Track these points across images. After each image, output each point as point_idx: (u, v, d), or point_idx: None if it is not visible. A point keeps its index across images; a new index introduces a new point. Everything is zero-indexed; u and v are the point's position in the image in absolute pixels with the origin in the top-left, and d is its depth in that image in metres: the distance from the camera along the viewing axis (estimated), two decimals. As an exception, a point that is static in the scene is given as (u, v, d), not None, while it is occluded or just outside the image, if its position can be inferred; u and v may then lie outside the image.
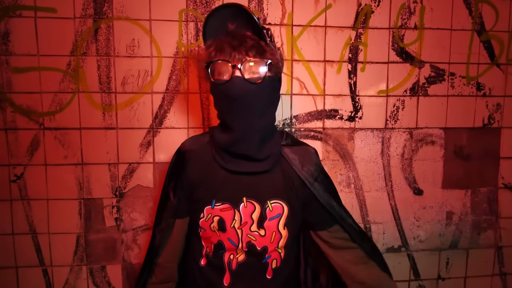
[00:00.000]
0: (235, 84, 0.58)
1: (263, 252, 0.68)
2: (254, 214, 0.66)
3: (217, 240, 0.68)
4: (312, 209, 0.70)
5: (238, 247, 0.68)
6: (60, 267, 1.04)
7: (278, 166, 0.68)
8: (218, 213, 0.67)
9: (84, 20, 0.97)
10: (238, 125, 0.60)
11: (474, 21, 1.11)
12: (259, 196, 0.66)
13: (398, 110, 1.11)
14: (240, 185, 0.66)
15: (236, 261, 0.68)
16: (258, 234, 0.67)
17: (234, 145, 0.62)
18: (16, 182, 1.00)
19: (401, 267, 1.16)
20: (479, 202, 1.18)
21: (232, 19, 0.61)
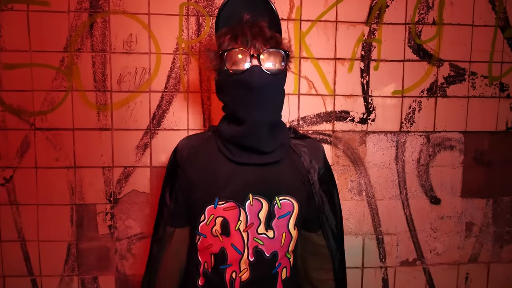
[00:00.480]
0: (254, 74, 0.55)
1: (272, 259, 0.61)
2: (261, 213, 0.60)
3: (219, 249, 0.61)
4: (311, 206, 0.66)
5: (243, 256, 0.60)
6: (50, 277, 0.97)
7: (286, 158, 0.64)
8: (221, 213, 0.60)
9: (79, 14, 0.92)
10: (251, 116, 0.56)
11: (497, 17, 1.02)
12: (266, 192, 0.60)
13: (414, 112, 1.03)
14: (246, 180, 0.60)
15: (239, 281, 0.60)
16: (266, 236, 0.60)
17: (245, 138, 0.58)
18: (4, 185, 0.94)
19: (416, 282, 1.07)
20: (501, 213, 1.09)
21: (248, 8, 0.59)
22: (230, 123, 0.61)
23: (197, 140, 0.67)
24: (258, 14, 0.59)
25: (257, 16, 0.59)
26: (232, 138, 0.60)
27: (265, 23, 0.59)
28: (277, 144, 0.61)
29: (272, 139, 0.59)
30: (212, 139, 0.65)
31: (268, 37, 0.56)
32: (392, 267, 1.06)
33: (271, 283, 0.62)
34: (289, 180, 0.63)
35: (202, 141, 0.66)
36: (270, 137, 0.59)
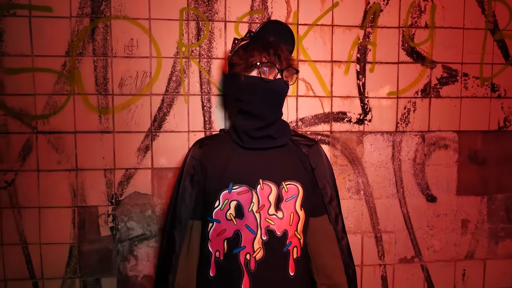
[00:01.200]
0: (278, 84, 0.70)
1: (283, 237, 0.67)
2: (271, 196, 0.68)
3: (232, 232, 0.66)
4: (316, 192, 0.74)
5: (257, 235, 0.65)
6: (52, 279, 0.97)
7: (290, 149, 0.74)
8: (235, 197, 0.67)
9: (80, 19, 0.93)
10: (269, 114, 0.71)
11: (487, 20, 1.06)
12: (274, 178, 0.69)
13: (409, 112, 1.06)
14: (256, 167, 0.69)
15: (254, 261, 0.65)
16: (276, 217, 0.68)
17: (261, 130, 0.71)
18: (6, 189, 0.95)
19: (414, 279, 1.09)
20: (496, 210, 1.12)
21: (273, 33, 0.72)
22: (247, 118, 0.72)
23: (210, 139, 0.78)
24: (281, 38, 0.72)
25: (280, 39, 0.72)
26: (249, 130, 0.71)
27: (286, 46, 0.73)
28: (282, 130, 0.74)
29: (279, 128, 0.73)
30: (225, 137, 0.76)
31: (289, 58, 0.72)
32: (390, 265, 1.08)
33: (284, 262, 0.67)
34: (293, 168, 0.72)
35: (215, 140, 0.76)
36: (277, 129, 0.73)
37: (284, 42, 0.72)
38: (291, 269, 0.67)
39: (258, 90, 0.70)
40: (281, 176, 0.69)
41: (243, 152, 0.71)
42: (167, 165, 0.98)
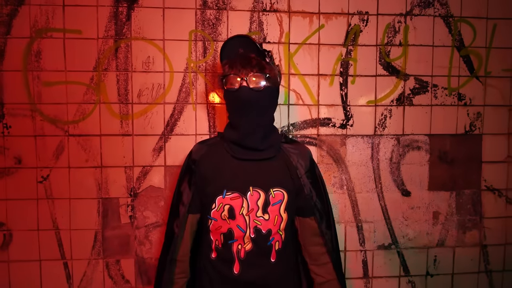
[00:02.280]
0: (242, 91, 0.76)
1: (267, 234, 0.79)
2: (259, 201, 0.78)
3: (227, 229, 0.78)
4: (300, 197, 0.84)
5: (246, 233, 0.78)
6: (79, 260, 1.14)
7: (279, 158, 0.82)
8: (228, 202, 0.78)
9: (106, 40, 1.11)
10: (244, 122, 0.77)
11: (454, 38, 1.22)
12: (263, 185, 0.78)
13: (386, 118, 1.22)
14: (247, 176, 0.79)
15: (244, 250, 0.78)
16: (263, 218, 0.78)
17: (242, 140, 0.78)
18: (42, 183, 1.12)
19: (391, 263, 1.25)
20: (463, 203, 1.27)
21: (242, 45, 0.81)
22: (232, 128, 0.81)
23: (208, 144, 0.88)
24: (249, 48, 0.81)
25: (248, 50, 0.81)
26: (234, 141, 0.80)
27: (254, 54, 0.80)
28: (269, 143, 0.80)
29: (264, 139, 0.78)
30: (220, 143, 0.85)
31: (253, 65, 0.76)
32: (370, 251, 1.24)
33: (267, 252, 0.80)
34: (281, 176, 0.81)
35: (212, 145, 0.86)
36: (261, 137, 0.78)
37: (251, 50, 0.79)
38: (273, 257, 0.80)
39: (229, 102, 0.78)
40: (269, 183, 0.78)
41: (235, 161, 0.79)
42: (177, 163, 1.15)
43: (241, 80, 0.75)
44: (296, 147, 0.87)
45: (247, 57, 0.77)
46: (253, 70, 0.76)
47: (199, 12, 1.13)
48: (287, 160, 0.83)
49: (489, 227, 1.28)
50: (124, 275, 1.16)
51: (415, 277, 1.26)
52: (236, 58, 0.78)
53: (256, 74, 0.76)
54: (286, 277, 0.83)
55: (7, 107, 1.10)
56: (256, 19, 1.15)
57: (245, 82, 0.75)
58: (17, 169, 1.11)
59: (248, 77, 0.75)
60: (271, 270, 0.79)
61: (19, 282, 1.13)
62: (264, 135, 0.80)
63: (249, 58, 0.77)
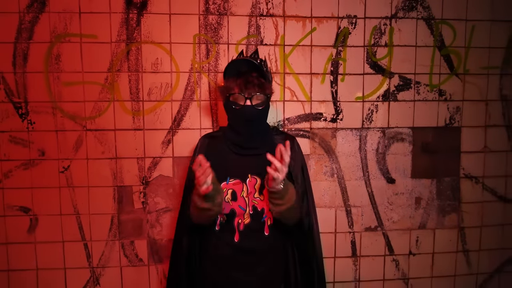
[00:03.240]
0: (246, 109, 0.90)
1: (262, 212, 0.94)
2: (256, 185, 0.94)
3: (229, 209, 0.93)
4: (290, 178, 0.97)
5: (246, 211, 0.94)
6: (98, 241, 1.28)
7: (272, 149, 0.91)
8: (231, 187, 0.94)
9: (118, 44, 1.23)
10: (245, 131, 0.94)
11: (435, 39, 1.34)
12: (259, 173, 0.93)
13: (373, 113, 1.34)
14: (246, 166, 0.95)
15: (243, 224, 0.94)
16: (259, 199, 0.94)
17: (244, 142, 0.95)
18: (63, 173, 1.26)
19: (377, 244, 1.39)
20: (443, 190, 1.40)
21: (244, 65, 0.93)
22: (233, 131, 0.96)
23: (212, 138, 1.02)
24: (252, 67, 0.92)
25: (251, 68, 0.92)
26: (235, 142, 0.95)
27: (255, 73, 0.92)
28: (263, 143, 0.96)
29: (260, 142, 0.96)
30: (222, 138, 0.99)
31: (257, 85, 0.90)
32: (358, 232, 1.37)
33: (262, 227, 0.95)
34: None
35: (215, 139, 1.01)
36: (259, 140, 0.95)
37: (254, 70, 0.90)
38: (266, 231, 0.95)
39: (233, 114, 0.92)
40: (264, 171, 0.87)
41: (235, 155, 0.94)
42: (184, 155, 1.28)
43: (246, 99, 0.88)
44: (283, 137, 1.02)
45: (250, 77, 0.90)
46: (256, 89, 0.89)
47: (202, 18, 1.24)
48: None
49: (467, 211, 1.41)
50: (138, 254, 1.30)
51: (399, 256, 1.40)
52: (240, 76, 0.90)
53: (259, 96, 0.90)
54: (276, 248, 0.98)
55: (31, 105, 1.22)
56: (254, 23, 1.26)
57: (249, 101, 0.89)
58: (41, 160, 1.24)
59: (252, 97, 0.88)
60: (264, 241, 0.95)
61: (45, 261, 1.27)
62: (261, 137, 0.97)
63: (253, 78, 0.90)
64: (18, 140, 1.23)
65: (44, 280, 1.27)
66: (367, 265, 1.38)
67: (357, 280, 1.38)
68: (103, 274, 1.29)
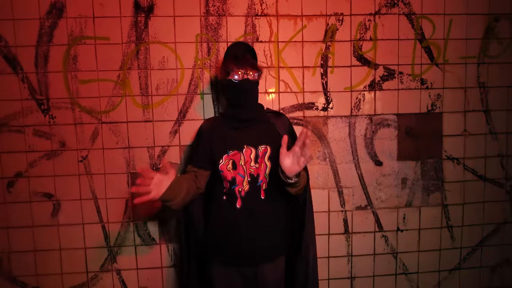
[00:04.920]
0: (245, 82, 1.07)
1: (257, 177, 1.08)
2: (251, 155, 1.08)
3: (231, 177, 1.07)
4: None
5: (245, 178, 1.07)
6: (114, 223, 1.42)
7: (264, 124, 1.12)
8: (231, 157, 1.08)
9: (128, 45, 1.37)
10: (244, 102, 1.10)
11: (416, 32, 1.46)
12: (253, 144, 1.09)
13: (360, 101, 1.47)
14: (242, 139, 1.09)
15: (244, 191, 1.08)
16: (255, 167, 1.08)
17: (242, 114, 1.10)
18: (82, 162, 1.40)
19: (367, 221, 1.52)
20: (427, 170, 1.52)
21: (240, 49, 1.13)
22: (232, 108, 1.12)
23: (211, 120, 1.19)
24: (246, 50, 1.12)
25: (245, 51, 1.12)
26: (234, 116, 1.11)
27: (249, 55, 1.11)
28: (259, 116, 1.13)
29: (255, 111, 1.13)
30: (220, 119, 1.16)
31: (251, 64, 1.09)
32: (350, 211, 1.50)
33: (258, 191, 1.08)
34: (265, 136, 1.10)
35: (214, 121, 1.17)
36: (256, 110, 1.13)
37: (248, 53, 1.10)
38: (262, 195, 1.08)
39: (232, 89, 1.08)
40: (257, 142, 1.08)
41: (233, 131, 1.09)
42: (190, 143, 1.42)
43: (243, 74, 1.06)
44: (275, 114, 1.18)
45: (246, 58, 1.09)
46: (250, 67, 1.07)
47: (203, 19, 1.38)
48: (270, 124, 1.13)
49: (449, 189, 1.54)
50: (150, 234, 1.44)
51: (387, 232, 1.53)
52: (238, 57, 1.08)
53: (253, 70, 1.07)
54: (272, 210, 1.11)
55: (52, 101, 1.36)
56: (250, 22, 1.39)
57: (245, 75, 1.06)
58: (62, 151, 1.38)
59: (247, 72, 1.06)
60: (262, 203, 1.08)
61: (67, 241, 1.41)
62: (256, 110, 1.14)
63: (248, 59, 1.09)
64: (41, 133, 1.37)
65: (67, 258, 1.41)
66: (358, 241, 1.51)
67: (350, 255, 1.51)
68: (120, 253, 1.43)
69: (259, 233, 1.07)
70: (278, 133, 1.11)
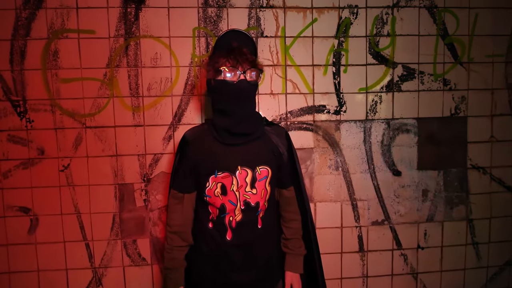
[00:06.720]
0: (241, 84, 0.83)
1: (256, 206, 0.89)
2: (247, 178, 0.87)
3: (220, 204, 0.87)
4: (282, 171, 0.95)
5: (237, 206, 0.87)
6: (99, 241, 1.26)
7: (262, 139, 0.90)
8: (220, 180, 0.87)
9: (117, 39, 1.21)
10: (239, 110, 0.85)
11: (438, 28, 1.31)
12: (250, 164, 0.87)
13: (377, 104, 1.32)
14: (235, 157, 0.87)
15: (235, 221, 0.89)
16: (251, 193, 0.88)
17: (235, 126, 0.85)
18: (63, 171, 1.23)
19: (384, 238, 1.36)
20: (451, 181, 1.37)
21: (236, 39, 0.88)
22: (222, 116, 0.86)
23: (197, 130, 0.94)
24: (242, 43, 0.87)
25: (242, 43, 0.86)
26: (224, 127, 0.86)
27: (247, 49, 0.86)
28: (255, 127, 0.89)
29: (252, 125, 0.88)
30: (208, 130, 0.91)
31: (250, 61, 0.84)
32: (365, 227, 1.35)
33: (255, 221, 0.90)
34: (265, 155, 0.90)
35: (201, 131, 0.93)
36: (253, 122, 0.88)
37: (245, 46, 0.84)
38: (259, 224, 0.90)
39: (225, 92, 0.83)
40: (256, 162, 0.86)
41: (224, 146, 0.86)
42: (186, 150, 1.26)
43: (240, 74, 0.82)
44: (273, 128, 0.95)
45: (243, 52, 0.83)
46: (249, 64, 0.83)
47: (201, 10, 1.23)
48: (268, 140, 0.91)
49: (475, 202, 1.38)
50: (141, 253, 1.27)
51: (407, 250, 1.37)
52: (233, 51, 0.83)
53: (253, 69, 0.83)
54: (269, 237, 0.95)
55: (29, 103, 1.20)
56: (254, 15, 1.24)
57: (243, 76, 0.82)
58: (41, 159, 1.22)
59: (246, 71, 0.82)
60: (258, 234, 0.91)
61: (46, 262, 1.25)
62: (253, 122, 0.89)
63: (245, 53, 0.83)
64: (17, 139, 1.21)
65: (46, 281, 1.25)
66: (374, 260, 1.35)
67: (365, 275, 1.35)
68: (106, 275, 1.26)
69: (255, 267, 0.91)
70: (279, 152, 0.91)
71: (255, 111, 0.92)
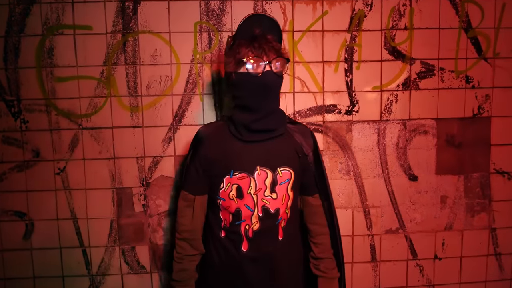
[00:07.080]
0: (267, 76, 0.75)
1: (276, 213, 0.80)
2: (267, 180, 0.79)
3: (235, 208, 0.79)
4: (307, 175, 0.86)
5: (254, 212, 0.79)
6: (97, 247, 1.20)
7: (285, 138, 0.82)
8: (236, 182, 0.79)
9: (114, 35, 1.14)
10: (264, 105, 0.77)
11: (461, 20, 1.21)
12: (270, 165, 0.79)
13: (392, 103, 1.22)
14: (253, 156, 0.79)
15: (252, 230, 0.80)
16: (271, 197, 0.80)
17: (257, 122, 0.77)
18: (59, 174, 1.18)
19: (399, 247, 1.27)
20: (472, 187, 1.27)
21: (259, 25, 0.78)
22: (243, 112, 0.79)
23: (213, 126, 0.89)
24: (266, 29, 0.78)
25: (266, 30, 0.77)
26: (246, 123, 0.78)
27: (272, 36, 0.77)
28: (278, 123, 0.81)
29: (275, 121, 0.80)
30: (224, 126, 0.84)
31: (276, 49, 0.76)
32: (378, 235, 1.26)
33: (275, 231, 0.82)
34: (287, 155, 0.82)
35: (217, 127, 0.86)
36: (277, 118, 0.80)
37: (270, 32, 0.76)
38: (280, 236, 0.82)
39: (249, 86, 0.75)
40: (277, 163, 0.79)
41: (240, 143, 0.78)
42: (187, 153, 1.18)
43: (265, 64, 0.74)
44: (297, 127, 0.88)
45: (268, 40, 0.76)
46: (275, 54, 0.75)
47: (203, 4, 1.15)
48: (292, 139, 0.84)
49: (498, 210, 1.28)
50: (140, 260, 1.21)
51: (423, 261, 1.27)
52: (256, 39, 0.75)
53: (279, 59, 0.75)
54: (292, 251, 0.86)
55: (23, 103, 1.15)
56: (260, 8, 1.16)
57: (269, 66, 0.74)
58: (36, 162, 1.16)
59: (272, 61, 0.74)
60: (279, 246, 0.82)
61: (42, 269, 1.20)
62: (278, 115, 0.81)
63: (270, 41, 0.76)
64: (11, 140, 1.16)
65: (41, 289, 1.20)
66: (388, 270, 1.26)
67: (378, 287, 1.26)
68: (103, 282, 1.21)
69: (275, 285, 0.82)
70: (303, 152, 0.84)
71: (278, 106, 0.83)
